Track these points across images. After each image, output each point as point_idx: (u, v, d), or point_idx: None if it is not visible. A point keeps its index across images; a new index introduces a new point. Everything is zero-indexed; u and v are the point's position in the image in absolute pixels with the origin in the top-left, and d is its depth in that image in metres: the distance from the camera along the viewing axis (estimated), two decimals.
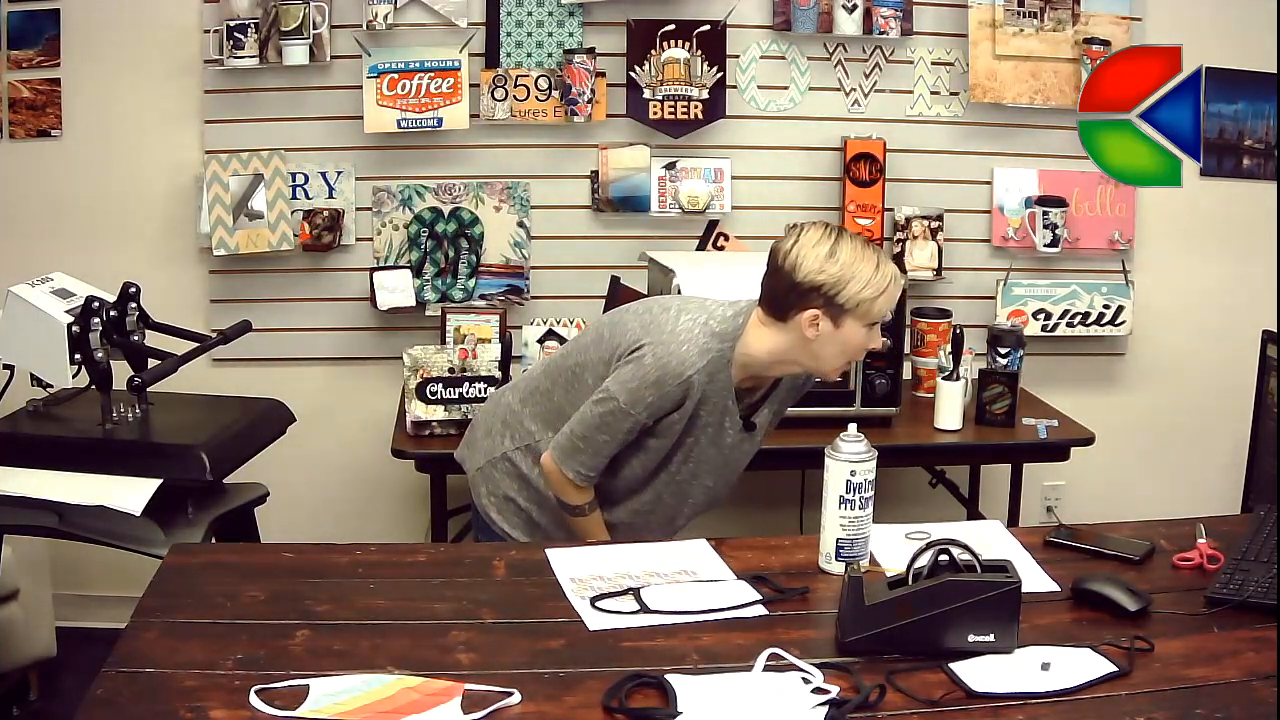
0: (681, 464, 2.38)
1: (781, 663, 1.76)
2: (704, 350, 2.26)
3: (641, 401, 2.27)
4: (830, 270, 2.18)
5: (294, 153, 3.49)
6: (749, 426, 2.39)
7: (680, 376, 2.24)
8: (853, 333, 2.22)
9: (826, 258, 2.19)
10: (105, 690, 1.65)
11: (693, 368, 2.24)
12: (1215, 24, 3.63)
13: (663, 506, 2.44)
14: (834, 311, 2.20)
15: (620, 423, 2.29)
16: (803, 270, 2.20)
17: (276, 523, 2.93)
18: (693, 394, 2.26)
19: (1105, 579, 2.00)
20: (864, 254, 2.21)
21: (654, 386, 2.25)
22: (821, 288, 2.19)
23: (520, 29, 3.48)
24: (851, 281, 2.18)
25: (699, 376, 2.25)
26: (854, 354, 2.28)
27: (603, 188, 3.56)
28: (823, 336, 2.22)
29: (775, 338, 2.27)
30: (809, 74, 3.58)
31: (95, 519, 2.46)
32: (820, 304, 2.20)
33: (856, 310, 2.20)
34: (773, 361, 2.30)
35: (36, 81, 3.44)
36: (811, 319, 2.21)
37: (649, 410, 2.28)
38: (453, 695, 1.65)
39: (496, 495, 2.50)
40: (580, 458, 2.33)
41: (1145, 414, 3.85)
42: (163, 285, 3.18)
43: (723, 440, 2.37)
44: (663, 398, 2.26)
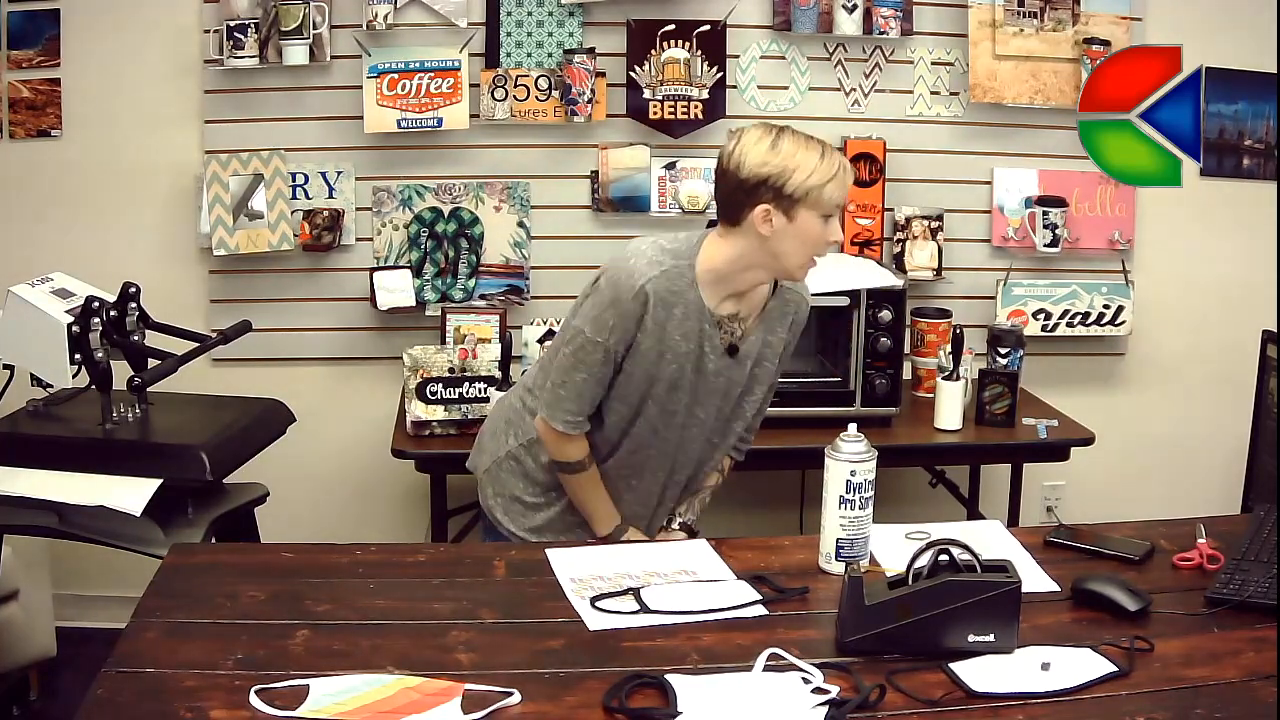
0: (668, 394, 2.32)
1: (781, 663, 1.76)
2: (654, 262, 2.25)
3: (604, 325, 2.25)
4: (774, 161, 2.17)
5: (294, 153, 3.49)
6: (731, 350, 2.34)
7: (632, 288, 2.22)
8: (808, 224, 2.20)
9: (769, 150, 2.18)
10: (105, 690, 1.65)
11: (643, 277, 2.23)
12: (1215, 24, 3.63)
13: (660, 445, 2.38)
14: (785, 204, 2.18)
15: (591, 354, 2.27)
16: (747, 167, 2.18)
17: (276, 523, 2.93)
18: (651, 305, 2.23)
19: (1105, 579, 2.00)
20: (808, 144, 2.21)
21: (611, 306, 2.24)
22: (768, 180, 2.17)
23: (520, 29, 3.48)
24: (797, 170, 2.17)
25: (652, 285, 2.22)
26: (815, 248, 2.24)
27: (603, 188, 3.56)
28: (778, 232, 2.20)
29: (733, 244, 2.25)
30: (809, 74, 3.58)
31: (95, 519, 2.46)
32: (770, 198, 2.18)
33: (807, 199, 2.18)
34: (736, 270, 2.27)
35: (36, 81, 3.44)
36: (764, 215, 2.19)
37: (614, 334, 2.25)
38: (453, 695, 1.65)
39: (503, 496, 2.49)
40: (565, 404, 2.31)
41: (1145, 414, 3.85)
42: (163, 285, 3.18)
43: (705, 367, 2.32)
44: (622, 315, 2.24)
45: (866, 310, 3.15)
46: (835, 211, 2.22)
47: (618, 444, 2.39)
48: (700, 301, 2.27)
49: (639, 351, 2.28)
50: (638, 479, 2.43)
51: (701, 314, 2.28)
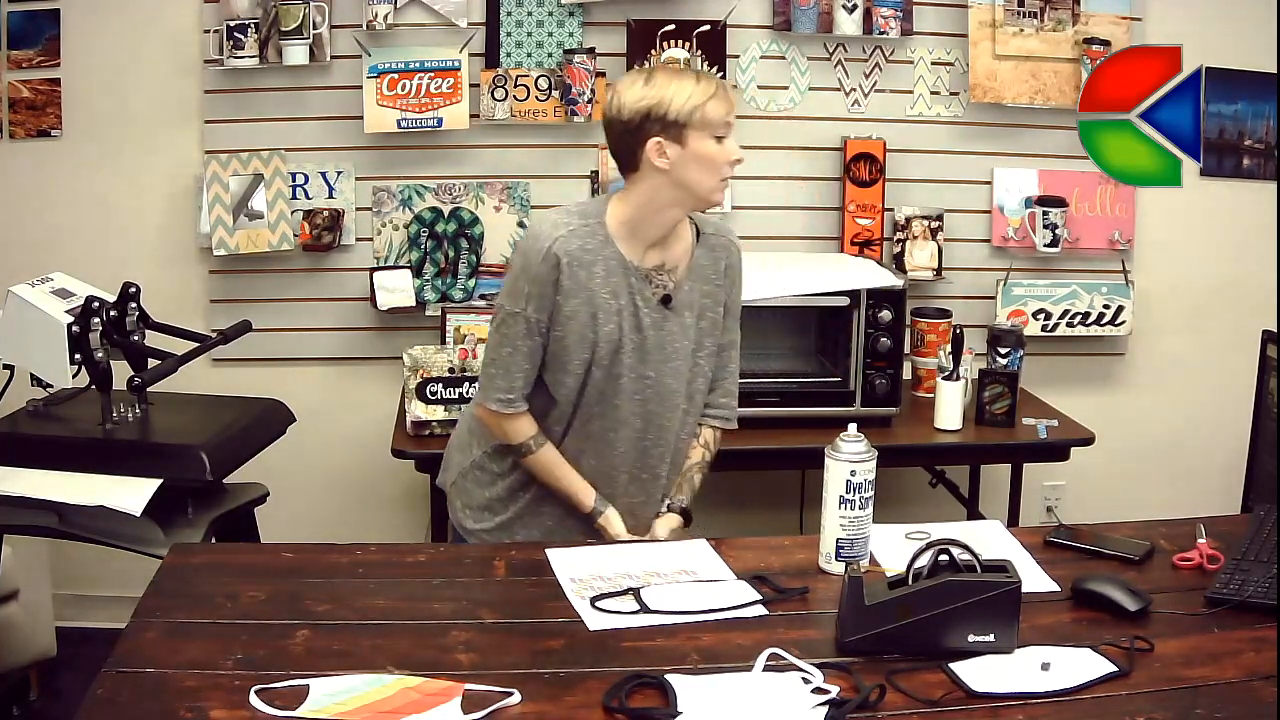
0: (612, 356, 2.30)
1: (781, 663, 1.76)
2: (558, 224, 2.27)
3: (519, 294, 2.27)
4: (650, 94, 2.21)
5: (294, 153, 3.49)
6: (665, 301, 2.33)
7: (540, 251, 2.24)
8: (701, 146, 2.22)
9: (644, 86, 2.22)
10: (105, 690, 1.65)
11: (549, 239, 2.25)
12: (1215, 24, 3.63)
13: (615, 414, 2.35)
14: (673, 131, 2.20)
15: (512, 327, 2.29)
16: (626, 108, 2.22)
17: (276, 523, 2.93)
18: (563, 265, 2.24)
19: (1105, 579, 2.00)
20: (681, 73, 2.26)
21: (523, 274, 2.26)
22: (650, 113, 2.20)
23: (520, 29, 3.48)
24: (675, 96, 2.20)
25: (559, 245, 2.24)
26: (717, 169, 2.25)
27: (603, 187, 3.56)
28: (675, 162, 2.22)
29: (639, 189, 2.27)
30: (809, 74, 3.58)
31: (95, 519, 2.46)
32: (657, 130, 2.21)
33: (692, 121, 2.20)
34: (649, 214, 2.28)
35: (36, 81, 3.44)
36: (656, 148, 2.21)
37: (530, 302, 2.26)
38: (453, 695, 1.65)
39: (472, 506, 2.48)
40: (495, 383, 2.32)
41: (1145, 414, 3.85)
42: (163, 285, 3.19)
43: (643, 322, 2.31)
44: (534, 281, 2.25)
45: (866, 310, 3.15)
46: (725, 130, 2.24)
47: (571, 417, 2.36)
48: (620, 255, 2.28)
49: (566, 315, 2.27)
50: (599, 457, 2.39)
51: (625, 268, 2.29)
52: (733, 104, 2.26)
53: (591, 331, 2.29)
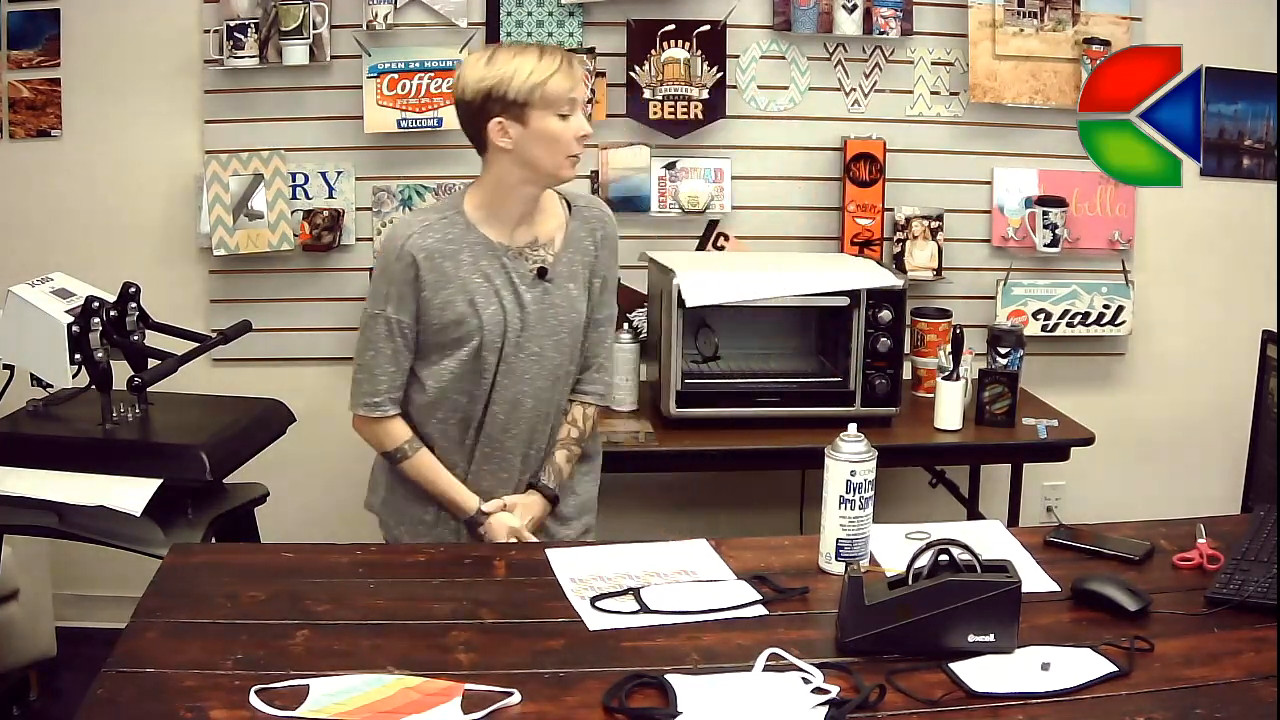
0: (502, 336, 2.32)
1: (781, 663, 1.76)
2: (411, 223, 2.30)
3: (380, 296, 2.29)
4: (490, 74, 2.22)
5: (294, 153, 3.49)
6: (541, 273, 2.35)
7: (395, 251, 2.27)
8: (545, 124, 2.23)
9: (485, 66, 2.23)
10: (105, 690, 1.65)
11: (403, 237, 2.28)
12: (1215, 24, 3.63)
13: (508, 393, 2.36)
14: (514, 111, 2.22)
15: (373, 328, 2.31)
16: (468, 88, 2.23)
17: (276, 523, 2.93)
18: (421, 262, 2.26)
19: (1105, 579, 2.00)
20: (525, 49, 2.24)
21: (383, 275, 2.29)
22: (490, 93, 2.21)
23: (520, 29, 3.48)
24: (515, 75, 2.21)
25: (413, 242, 2.27)
26: (565, 146, 2.26)
27: (603, 188, 3.56)
28: (519, 141, 2.24)
29: (491, 171, 2.30)
30: (809, 74, 3.58)
31: (95, 519, 2.46)
32: (498, 110, 2.22)
33: (533, 99, 2.21)
34: (505, 193, 2.31)
35: (36, 81, 3.45)
36: (498, 128, 2.23)
37: (390, 302, 2.28)
38: (453, 695, 1.65)
39: (407, 522, 2.48)
40: (361, 388, 2.34)
41: (1145, 414, 3.85)
42: (163, 285, 3.18)
43: (523, 298, 2.33)
44: (393, 281, 2.28)
45: (866, 310, 3.15)
46: (570, 107, 2.24)
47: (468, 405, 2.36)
48: (486, 239, 2.31)
49: (438, 307, 2.29)
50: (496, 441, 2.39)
51: (493, 250, 2.32)
52: (578, 79, 2.27)
53: (475, 317, 2.31)
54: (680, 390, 3.14)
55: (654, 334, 3.28)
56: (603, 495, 3.70)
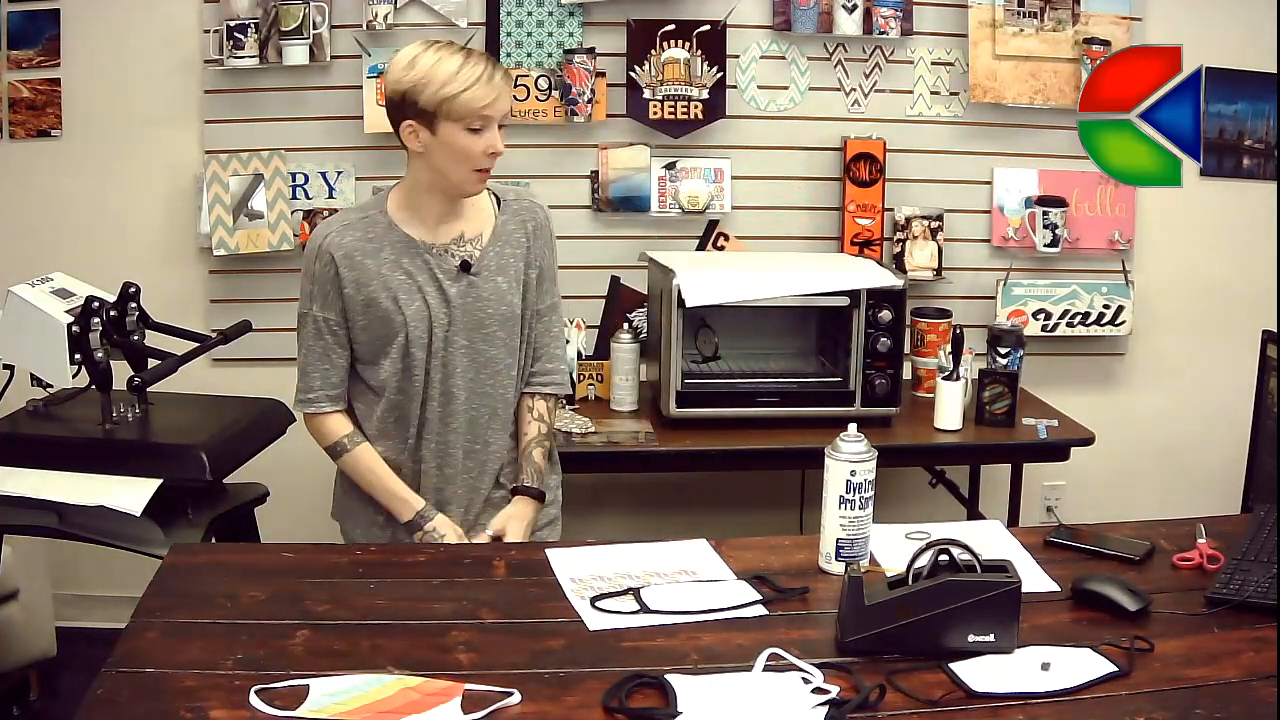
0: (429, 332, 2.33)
1: (781, 663, 1.76)
2: (332, 223, 2.32)
3: (306, 295, 2.31)
4: (408, 77, 2.19)
5: (294, 153, 3.49)
6: (464, 267, 2.33)
7: (315, 251, 2.30)
8: (452, 136, 2.20)
9: (406, 66, 2.20)
10: (105, 690, 1.65)
11: (322, 237, 2.30)
12: (1215, 24, 3.64)
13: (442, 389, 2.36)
14: (424, 118, 2.20)
15: (304, 328, 2.33)
16: (389, 85, 2.22)
17: (276, 523, 2.93)
18: (339, 260, 2.28)
19: (1105, 579, 2.00)
20: (451, 55, 2.19)
21: (307, 275, 2.32)
22: (405, 95, 2.19)
23: (520, 29, 3.48)
24: (430, 83, 2.17)
25: (331, 241, 2.28)
26: (472, 160, 2.24)
27: (603, 188, 3.56)
28: (427, 147, 2.23)
29: (409, 170, 2.31)
30: (809, 74, 3.59)
31: (95, 519, 2.46)
32: (411, 114, 2.20)
33: (442, 111, 2.18)
34: (420, 193, 2.31)
35: (36, 81, 3.45)
36: (409, 131, 2.22)
37: (315, 301, 2.30)
38: (453, 695, 1.65)
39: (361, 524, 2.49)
40: (298, 386, 2.37)
41: (1145, 414, 3.85)
42: (163, 285, 3.19)
43: (448, 292, 2.33)
44: (316, 280, 2.30)
45: (866, 310, 3.15)
46: (482, 122, 2.21)
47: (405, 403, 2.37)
48: (408, 237, 2.31)
49: (363, 304, 2.30)
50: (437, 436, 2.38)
51: (415, 247, 2.32)
52: (498, 93, 2.21)
53: (399, 314, 2.31)
54: (680, 390, 3.14)
55: (654, 334, 3.28)
56: (603, 495, 3.72)
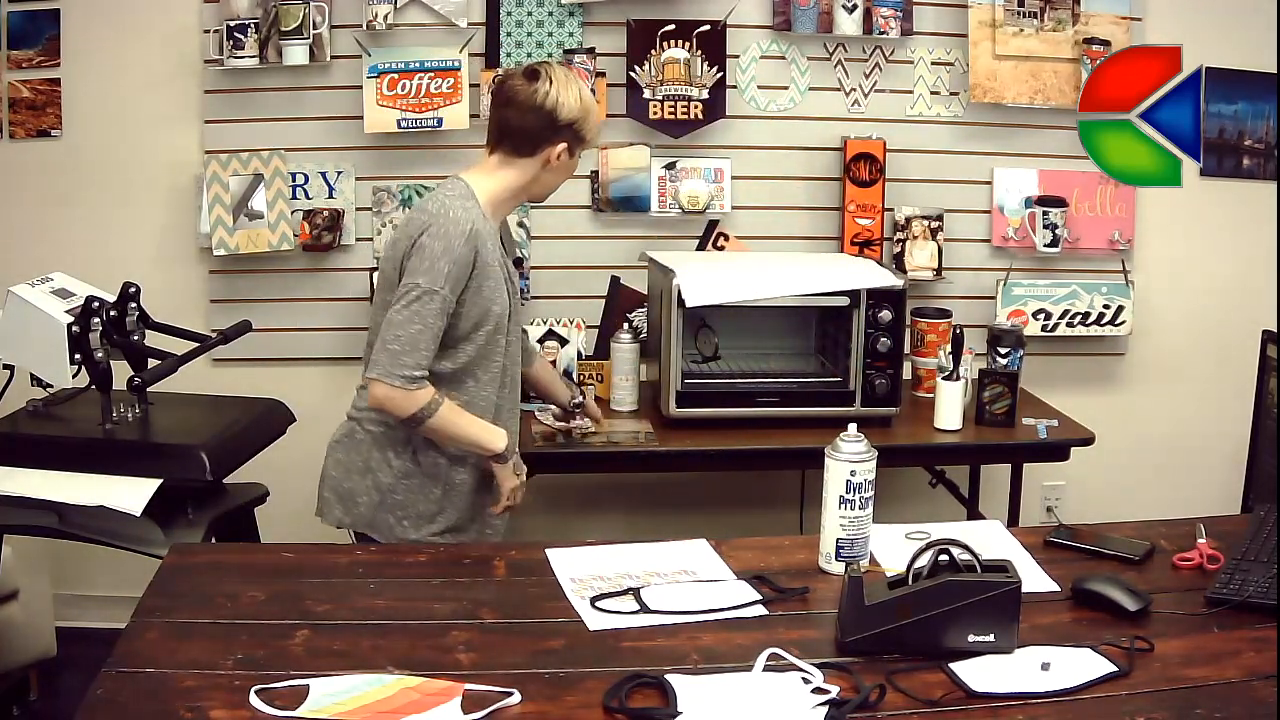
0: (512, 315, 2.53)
1: (781, 663, 1.76)
2: (467, 207, 2.42)
3: (441, 275, 2.35)
4: (580, 108, 2.45)
5: (294, 153, 3.49)
6: (517, 262, 2.70)
7: (465, 233, 2.37)
8: (574, 163, 2.52)
9: (579, 94, 2.46)
10: (105, 690, 1.65)
11: (468, 220, 2.38)
12: (1215, 24, 3.63)
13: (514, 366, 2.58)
14: (576, 143, 2.48)
15: (428, 305, 2.35)
16: (565, 109, 2.43)
17: (276, 523, 2.93)
18: (481, 244, 2.40)
19: (1105, 579, 2.00)
20: (586, 89, 2.50)
21: (445, 255, 2.35)
22: (574, 123, 2.45)
23: (520, 29, 3.48)
24: (590, 116, 2.48)
25: (476, 225, 2.39)
26: (568, 179, 2.55)
27: (603, 188, 3.56)
28: (558, 166, 2.48)
29: (518, 174, 2.48)
30: (809, 74, 3.58)
31: (95, 519, 2.46)
32: (569, 137, 2.45)
33: (586, 141, 2.49)
34: (512, 197, 2.52)
35: (36, 81, 3.45)
36: (560, 152, 2.45)
37: (449, 281, 2.36)
38: (453, 695, 1.65)
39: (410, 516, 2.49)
40: (404, 359, 2.35)
41: (1145, 414, 3.85)
42: (163, 285, 3.19)
43: (513, 279, 2.56)
44: (458, 263, 2.36)
45: (866, 310, 3.15)
46: None
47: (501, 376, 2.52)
48: (495, 230, 2.51)
49: (475, 290, 2.41)
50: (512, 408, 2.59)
51: (499, 240, 2.53)
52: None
53: (497, 303, 2.46)
54: (680, 390, 3.14)
55: (654, 334, 3.28)
56: (603, 495, 3.72)
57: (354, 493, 2.52)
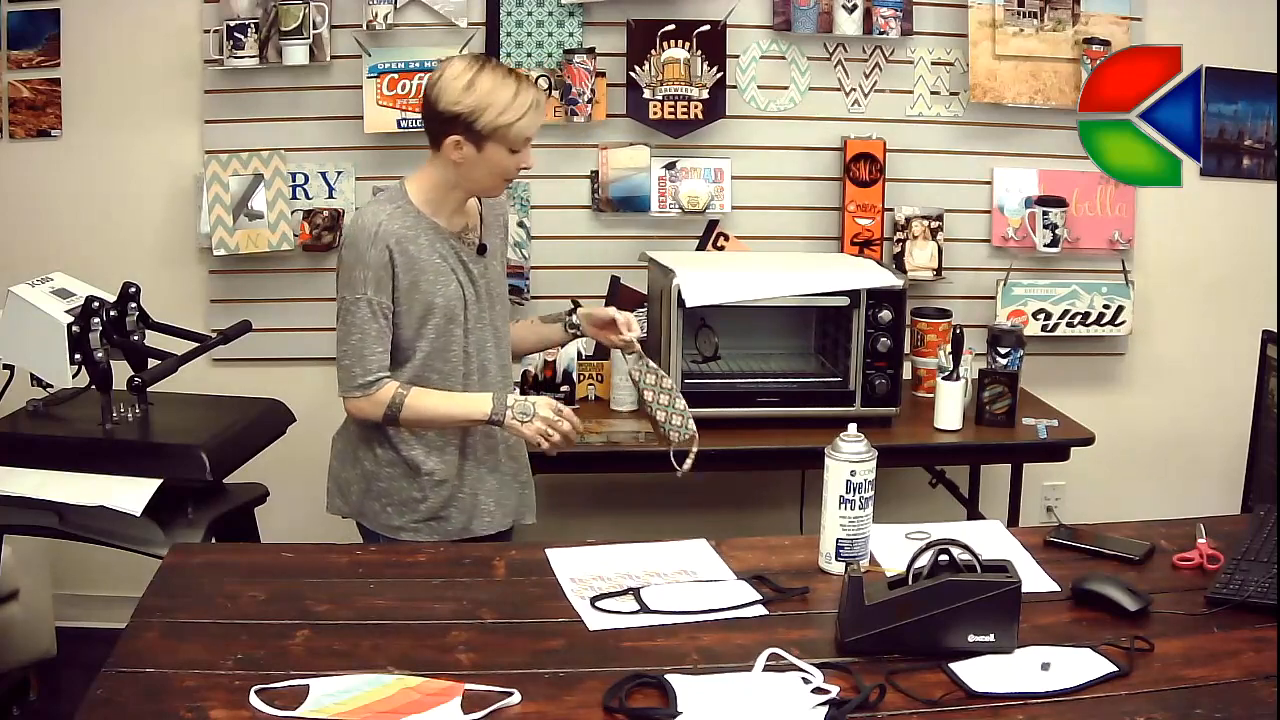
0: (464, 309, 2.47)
1: (781, 663, 1.76)
2: (377, 213, 2.41)
3: (359, 282, 2.39)
4: (466, 101, 2.34)
5: (294, 153, 3.49)
6: (481, 250, 2.52)
7: (370, 236, 2.38)
8: (496, 156, 2.39)
9: (464, 90, 2.34)
10: (105, 690, 1.65)
11: (374, 225, 2.38)
12: (1215, 24, 3.63)
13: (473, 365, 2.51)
14: (474, 137, 2.36)
15: (357, 313, 2.40)
16: (443, 101, 2.35)
17: (276, 523, 2.93)
18: (393, 246, 2.39)
19: (1105, 579, 2.00)
20: (504, 81, 2.36)
21: (359, 262, 2.39)
22: (459, 116, 2.34)
23: (520, 29, 3.48)
24: (489, 109, 2.33)
25: (383, 227, 2.38)
26: (505, 174, 2.44)
27: (603, 188, 3.56)
28: (468, 160, 2.38)
29: (434, 169, 2.44)
30: (809, 74, 3.58)
31: (95, 519, 2.46)
32: (460, 130, 2.35)
33: (494, 135, 2.35)
34: (444, 192, 2.45)
35: (36, 81, 3.45)
36: (454, 145, 2.37)
37: (369, 285, 2.38)
38: (453, 695, 1.65)
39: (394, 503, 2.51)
40: (354, 371, 2.42)
41: (1145, 414, 3.85)
42: (163, 285, 3.18)
43: (473, 273, 2.49)
44: (371, 267, 2.38)
45: (866, 310, 3.15)
46: (524, 145, 2.41)
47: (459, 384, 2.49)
48: (436, 225, 2.46)
49: (408, 288, 2.40)
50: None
51: (441, 234, 2.46)
52: (540, 120, 2.41)
53: (439, 295, 2.43)
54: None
55: (654, 334, 3.28)
56: (603, 495, 3.72)
57: (348, 482, 2.58)
